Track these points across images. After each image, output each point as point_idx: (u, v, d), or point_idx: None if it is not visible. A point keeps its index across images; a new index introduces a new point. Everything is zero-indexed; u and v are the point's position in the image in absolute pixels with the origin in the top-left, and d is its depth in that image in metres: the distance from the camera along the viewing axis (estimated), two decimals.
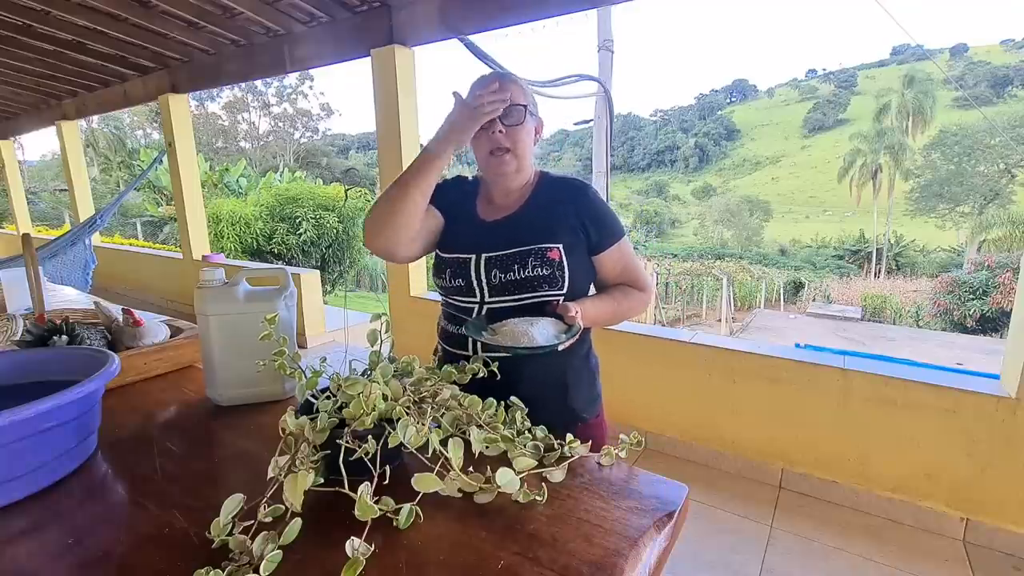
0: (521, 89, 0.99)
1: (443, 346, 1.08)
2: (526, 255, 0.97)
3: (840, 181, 36.53)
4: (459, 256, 1.03)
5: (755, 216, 43.73)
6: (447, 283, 1.04)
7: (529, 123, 1.00)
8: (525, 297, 0.97)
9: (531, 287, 0.97)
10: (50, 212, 20.24)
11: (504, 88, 0.93)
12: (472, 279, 1.00)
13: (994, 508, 1.91)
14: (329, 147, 43.58)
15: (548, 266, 0.96)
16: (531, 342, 0.86)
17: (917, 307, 17.39)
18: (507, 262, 0.97)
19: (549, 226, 0.99)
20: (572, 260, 0.98)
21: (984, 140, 30.04)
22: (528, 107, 0.98)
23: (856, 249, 33.89)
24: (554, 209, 1.01)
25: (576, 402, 1.06)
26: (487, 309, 1.00)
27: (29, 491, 0.73)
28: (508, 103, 0.94)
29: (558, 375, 1.03)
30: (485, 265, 0.99)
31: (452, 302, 1.06)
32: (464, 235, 1.05)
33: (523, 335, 0.87)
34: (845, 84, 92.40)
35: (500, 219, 1.04)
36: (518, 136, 0.98)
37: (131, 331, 1.24)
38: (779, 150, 79.60)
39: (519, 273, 0.96)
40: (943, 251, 32.53)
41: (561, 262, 0.97)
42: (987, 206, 27.13)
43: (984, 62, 76.65)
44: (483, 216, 1.06)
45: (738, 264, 24.39)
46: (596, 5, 2.57)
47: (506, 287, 0.98)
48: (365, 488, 0.60)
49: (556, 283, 0.97)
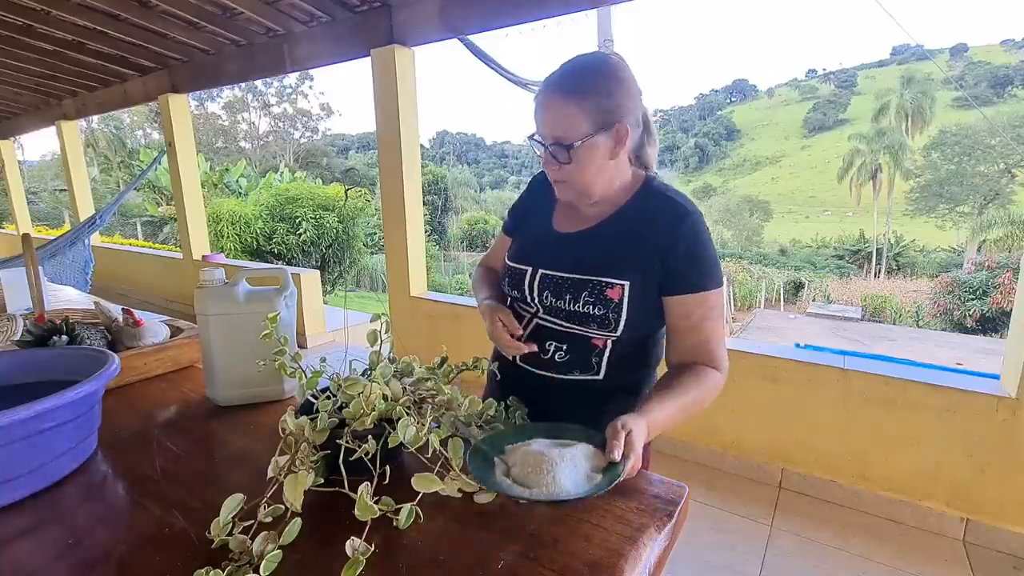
0: (574, 110, 0.79)
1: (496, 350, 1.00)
2: (582, 286, 0.84)
3: (840, 181, 36.51)
4: (517, 266, 0.94)
5: (755, 216, 43.71)
6: (507, 290, 0.96)
7: (588, 151, 0.81)
8: (573, 328, 0.87)
9: (579, 321, 0.85)
10: (50, 212, 20.25)
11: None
12: (526, 292, 0.91)
13: (994, 508, 1.90)
14: (329, 147, 43.56)
15: (603, 305, 0.83)
16: (553, 487, 0.62)
17: (917, 307, 17.40)
18: (560, 288, 0.86)
19: (621, 256, 0.84)
20: (635, 302, 0.83)
21: (984, 140, 30.07)
22: (574, 143, 0.79)
23: (856, 249, 33.87)
24: (638, 234, 0.84)
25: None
26: (535, 323, 0.92)
27: (29, 491, 0.73)
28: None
29: (597, 404, 0.91)
30: (540, 282, 0.89)
31: (512, 306, 0.98)
32: (529, 245, 0.96)
33: (547, 474, 0.63)
34: (845, 84, 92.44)
35: (573, 232, 0.91)
36: (571, 170, 0.83)
37: (131, 331, 1.24)
38: (779, 150, 79.62)
39: (570, 305, 0.85)
40: (943, 251, 32.53)
41: (620, 304, 0.82)
42: (987, 206, 27.15)
43: (984, 62, 76.66)
44: (557, 226, 0.94)
45: (738, 264, 24.38)
46: (596, 5, 2.57)
47: (556, 311, 0.88)
48: (365, 488, 0.60)
49: (608, 326, 0.84)
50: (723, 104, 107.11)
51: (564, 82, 0.80)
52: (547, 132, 0.82)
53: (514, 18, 2.61)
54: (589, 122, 0.79)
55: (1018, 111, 47.16)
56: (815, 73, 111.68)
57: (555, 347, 0.90)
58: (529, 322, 0.93)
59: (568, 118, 0.79)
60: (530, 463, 0.65)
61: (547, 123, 0.82)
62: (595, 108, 0.79)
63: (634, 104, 0.83)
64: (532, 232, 0.98)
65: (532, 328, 0.93)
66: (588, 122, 0.79)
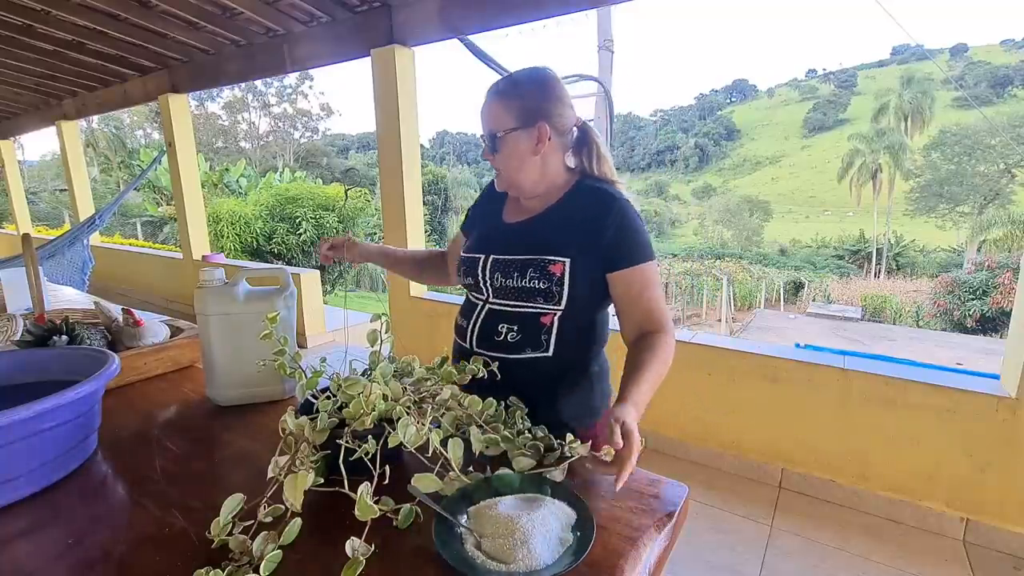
0: (501, 109, 0.96)
1: (455, 338, 1.11)
2: (528, 264, 0.95)
3: (840, 181, 36.52)
4: (471, 255, 1.05)
5: (755, 216, 43.70)
6: (462, 279, 1.08)
7: (512, 142, 0.96)
8: (522, 305, 0.97)
9: (527, 298, 0.96)
10: (50, 212, 20.25)
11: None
12: (479, 278, 1.02)
13: (994, 508, 1.91)
14: (329, 147, 43.57)
15: (547, 280, 0.94)
16: (530, 560, 0.57)
17: (917, 307, 17.39)
18: (509, 268, 0.97)
19: (560, 237, 0.96)
20: (577, 276, 0.94)
21: (984, 140, 30.05)
22: (498, 133, 0.96)
23: (856, 249, 33.88)
24: (574, 219, 0.97)
25: (566, 414, 0.99)
26: (488, 309, 1.01)
27: (29, 491, 0.73)
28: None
29: (548, 381, 0.99)
30: (491, 266, 1.00)
31: (467, 297, 1.10)
32: (482, 236, 1.09)
33: (520, 546, 0.58)
34: (845, 84, 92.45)
35: (520, 221, 1.04)
36: (500, 159, 0.99)
37: (131, 331, 1.24)
38: (779, 150, 79.63)
39: (517, 282, 0.96)
40: (943, 251, 32.53)
41: (562, 278, 0.93)
42: (987, 206, 27.14)
43: (984, 62, 76.67)
44: (506, 218, 1.08)
45: (738, 264, 24.39)
46: (596, 5, 2.57)
47: (506, 292, 0.98)
48: (365, 488, 0.60)
49: (553, 298, 0.94)
50: (723, 104, 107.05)
51: (498, 87, 0.98)
52: (484, 127, 0.99)
53: (514, 18, 2.61)
54: (513, 118, 0.95)
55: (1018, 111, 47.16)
56: (815, 73, 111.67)
57: (507, 328, 0.99)
58: (481, 309, 1.03)
59: (497, 115, 0.96)
60: (500, 533, 0.60)
61: (484, 120, 0.99)
62: (519, 108, 0.95)
63: (558, 112, 0.97)
64: (484, 226, 1.12)
65: (484, 314, 1.02)
66: (512, 118, 0.95)
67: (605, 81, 5.76)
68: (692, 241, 44.35)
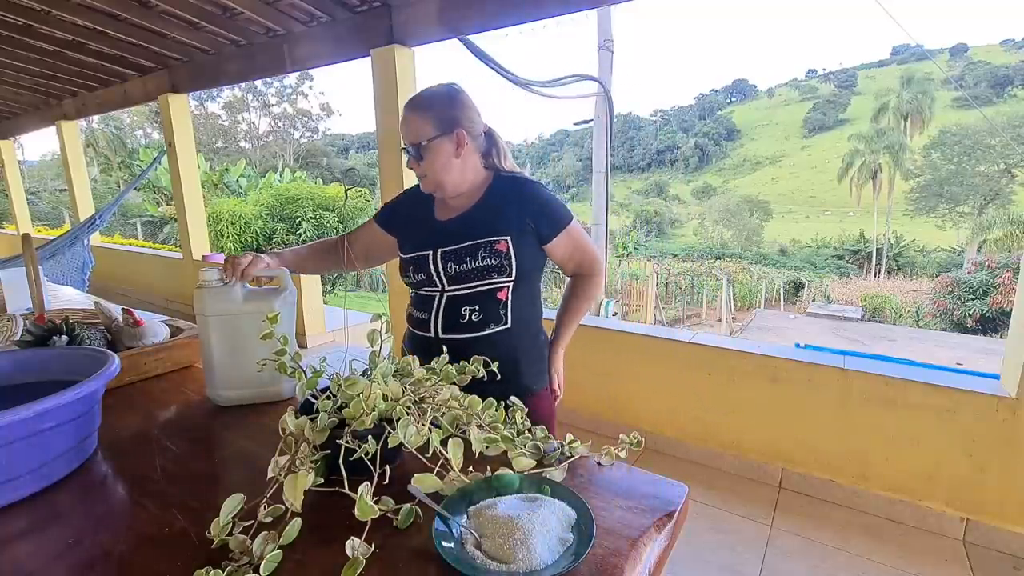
0: (421, 120, 1.07)
1: (410, 329, 1.22)
2: (476, 248, 1.08)
3: (840, 181, 36.49)
4: (418, 254, 1.15)
5: (755, 216, 43.68)
6: (412, 279, 1.17)
7: (435, 148, 1.08)
8: (478, 284, 1.09)
9: (483, 275, 1.08)
10: (50, 212, 20.25)
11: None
12: (432, 272, 1.12)
13: (994, 508, 1.91)
14: (329, 147, 43.60)
15: (496, 256, 1.08)
16: (531, 559, 0.57)
17: (917, 307, 17.37)
18: (460, 254, 1.09)
19: (496, 221, 1.10)
20: (520, 250, 1.09)
21: (984, 140, 30.05)
22: (423, 142, 1.07)
23: (856, 249, 33.85)
24: (501, 206, 1.12)
25: (526, 377, 1.16)
26: (447, 297, 1.12)
27: (29, 491, 0.73)
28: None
29: (510, 352, 1.11)
30: (442, 258, 1.11)
31: (419, 293, 1.19)
32: (421, 236, 1.18)
33: (521, 545, 0.58)
34: (845, 84, 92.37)
35: (454, 218, 1.16)
36: (425, 165, 1.10)
37: (131, 331, 1.24)
38: (779, 150, 79.57)
39: (471, 264, 1.08)
40: (943, 251, 32.49)
41: (508, 252, 1.08)
42: (987, 206, 27.14)
43: (984, 62, 76.60)
44: (439, 217, 1.19)
45: (738, 264, 24.38)
46: (596, 5, 2.57)
47: (461, 276, 1.09)
48: (365, 488, 0.60)
49: (504, 271, 1.08)
50: (723, 104, 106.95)
51: (414, 102, 1.10)
52: (407, 139, 1.10)
53: (514, 18, 2.61)
54: (432, 127, 1.08)
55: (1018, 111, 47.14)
56: (815, 73, 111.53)
57: (469, 310, 1.10)
58: (440, 300, 1.13)
59: (419, 126, 1.08)
60: (500, 533, 0.59)
61: (406, 133, 1.10)
62: (436, 118, 1.08)
63: (469, 118, 1.11)
64: (419, 228, 1.20)
65: (444, 303, 1.12)
66: (432, 127, 1.08)
67: (605, 81, 5.76)
68: (692, 241, 44.30)
